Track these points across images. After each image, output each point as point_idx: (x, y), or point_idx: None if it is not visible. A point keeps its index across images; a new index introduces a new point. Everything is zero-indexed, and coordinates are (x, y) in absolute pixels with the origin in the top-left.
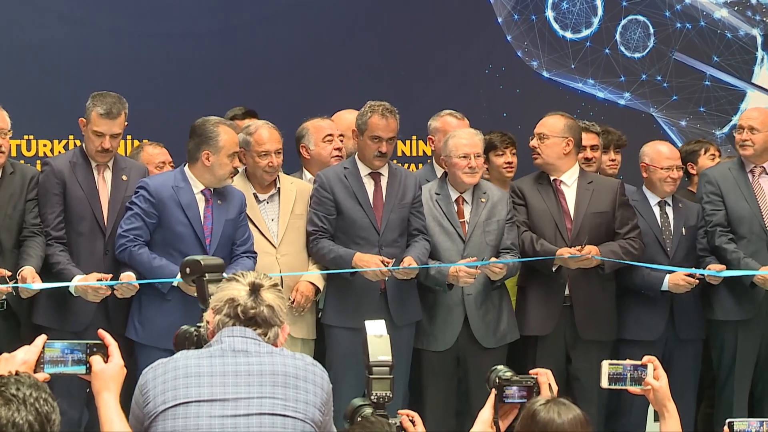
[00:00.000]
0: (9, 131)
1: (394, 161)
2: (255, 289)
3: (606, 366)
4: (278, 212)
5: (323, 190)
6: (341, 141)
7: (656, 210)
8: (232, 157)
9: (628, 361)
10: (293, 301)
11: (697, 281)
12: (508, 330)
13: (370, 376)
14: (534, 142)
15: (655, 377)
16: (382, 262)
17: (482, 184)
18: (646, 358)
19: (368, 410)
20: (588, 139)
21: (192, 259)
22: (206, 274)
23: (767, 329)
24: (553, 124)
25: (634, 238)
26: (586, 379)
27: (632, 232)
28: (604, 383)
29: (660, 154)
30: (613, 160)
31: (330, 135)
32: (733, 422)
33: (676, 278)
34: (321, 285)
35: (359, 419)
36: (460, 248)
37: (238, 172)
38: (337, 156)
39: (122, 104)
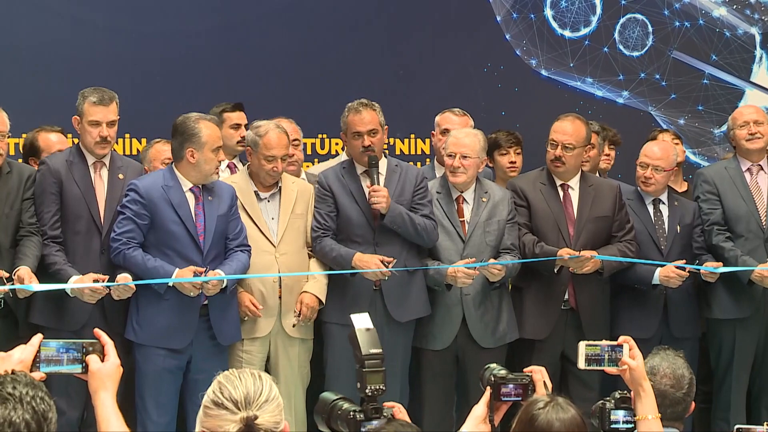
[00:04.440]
0: (7, 133)
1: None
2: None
3: (583, 347)
4: (278, 211)
5: (323, 188)
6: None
7: (650, 208)
8: (216, 151)
9: (605, 342)
10: (299, 313)
11: (688, 274)
12: (507, 330)
13: (364, 370)
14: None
15: (631, 357)
16: (382, 261)
17: (484, 183)
18: (621, 339)
19: (346, 404)
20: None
21: None
22: None
23: (765, 327)
24: (578, 133)
25: (630, 241)
26: (588, 380)
27: (628, 234)
28: (582, 364)
29: (644, 150)
30: (607, 155)
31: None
32: (740, 428)
33: (667, 271)
34: (323, 296)
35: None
36: (460, 248)
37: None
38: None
39: (113, 94)
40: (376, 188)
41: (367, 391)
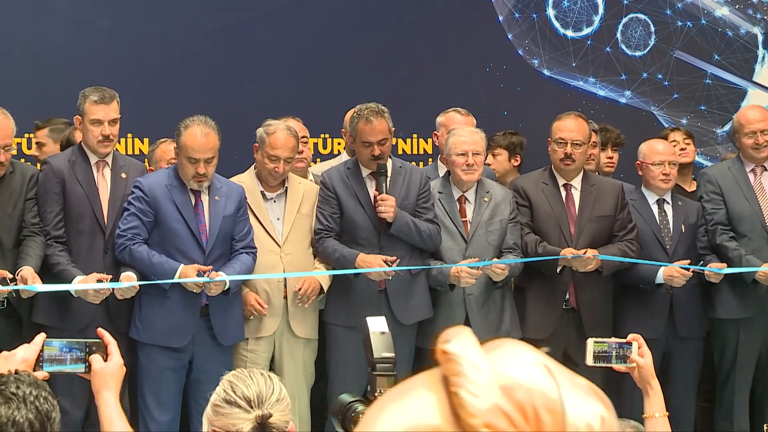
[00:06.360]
0: (11, 144)
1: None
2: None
3: (591, 344)
4: (284, 211)
5: (326, 189)
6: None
7: (655, 209)
8: (193, 162)
9: (613, 339)
10: (300, 289)
11: (692, 273)
12: (510, 330)
13: (375, 373)
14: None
15: (640, 355)
16: (386, 261)
17: (485, 183)
18: (630, 336)
19: (361, 407)
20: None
21: None
22: None
23: None
24: (583, 129)
25: (631, 240)
26: (590, 380)
27: (630, 234)
28: (589, 361)
29: (652, 149)
30: (610, 158)
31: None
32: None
33: (671, 271)
34: (326, 286)
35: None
36: (462, 248)
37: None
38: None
39: (114, 93)
40: (383, 197)
41: (376, 394)
